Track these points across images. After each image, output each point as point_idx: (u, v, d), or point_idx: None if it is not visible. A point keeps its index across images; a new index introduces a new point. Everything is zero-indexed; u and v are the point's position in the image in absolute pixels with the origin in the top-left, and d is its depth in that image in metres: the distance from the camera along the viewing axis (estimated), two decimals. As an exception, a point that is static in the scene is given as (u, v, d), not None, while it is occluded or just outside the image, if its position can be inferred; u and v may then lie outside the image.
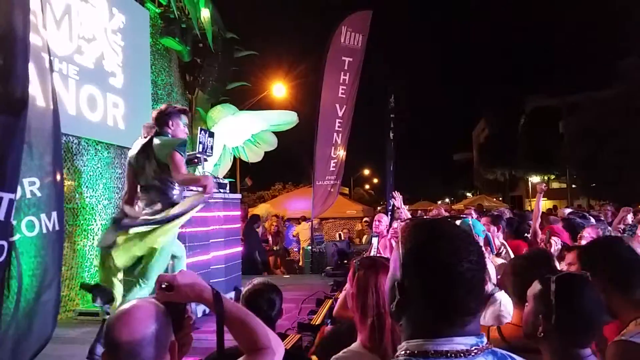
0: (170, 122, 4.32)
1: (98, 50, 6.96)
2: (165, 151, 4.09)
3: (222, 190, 6.45)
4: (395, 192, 6.18)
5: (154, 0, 8.46)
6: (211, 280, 5.83)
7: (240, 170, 18.31)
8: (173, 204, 4.18)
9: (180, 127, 4.39)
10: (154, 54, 8.39)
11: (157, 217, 4.04)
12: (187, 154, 6.33)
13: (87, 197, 6.65)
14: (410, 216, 5.91)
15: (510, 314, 2.49)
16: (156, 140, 4.25)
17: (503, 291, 2.81)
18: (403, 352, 1.03)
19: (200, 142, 6.01)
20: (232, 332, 1.41)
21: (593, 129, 20.89)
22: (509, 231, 5.42)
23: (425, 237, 1.05)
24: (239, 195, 7.31)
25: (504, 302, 2.68)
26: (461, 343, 0.99)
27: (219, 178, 6.71)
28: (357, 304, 1.93)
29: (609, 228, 5.19)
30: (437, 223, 1.11)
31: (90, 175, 6.72)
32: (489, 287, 2.85)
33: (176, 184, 4.26)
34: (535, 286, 1.79)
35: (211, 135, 6.38)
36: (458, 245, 1.02)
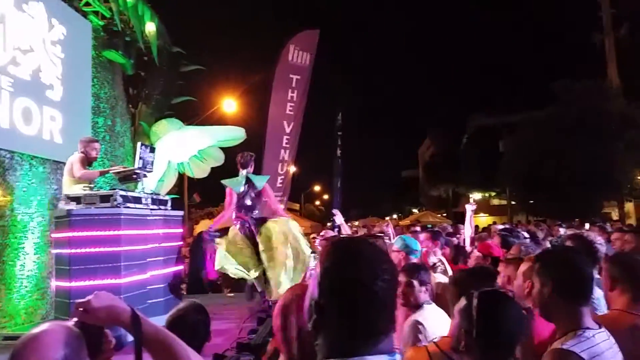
0: None
1: (35, 61, 6.72)
2: None
3: (162, 207, 6.31)
4: (335, 210, 6.26)
5: (97, 12, 8.27)
6: (149, 301, 5.68)
7: (188, 186, 17.99)
8: None
9: None
10: (96, 67, 8.17)
11: None
12: (126, 169, 6.23)
13: (19, 213, 6.34)
14: (349, 232, 5.98)
15: (428, 337, 2.58)
16: None
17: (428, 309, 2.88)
18: None
19: (140, 158, 5.87)
20: (152, 354, 1.38)
21: (530, 148, 21.87)
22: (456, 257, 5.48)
23: (341, 257, 1.07)
24: (180, 212, 7.16)
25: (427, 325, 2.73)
26: None
27: (159, 194, 6.56)
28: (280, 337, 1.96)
29: (540, 244, 5.44)
30: (354, 243, 1.13)
31: (23, 192, 6.42)
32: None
33: None
34: (461, 301, 1.84)
35: (152, 150, 6.25)
36: (372, 265, 1.04)
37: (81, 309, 1.31)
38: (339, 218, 6.04)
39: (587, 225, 10.13)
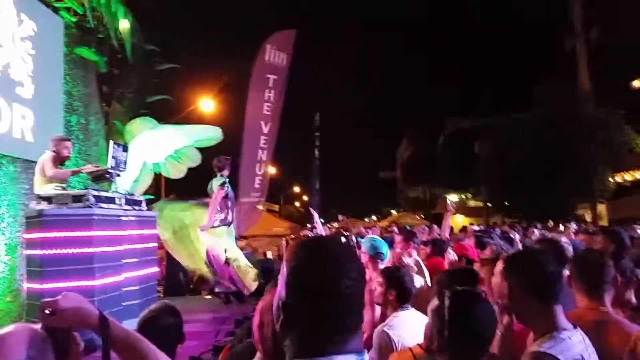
0: None
1: (4, 58, 6.53)
2: None
3: (137, 208, 6.19)
4: (312, 209, 6.25)
5: (69, 8, 8.08)
6: (124, 303, 5.56)
7: (165, 186, 17.74)
8: None
9: None
10: (69, 64, 7.99)
11: None
12: (98, 169, 6.11)
13: (-12, 214, 6.15)
14: (324, 233, 5.97)
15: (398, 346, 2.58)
16: None
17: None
18: None
19: (113, 157, 5.76)
20: (121, 358, 1.34)
21: (505, 150, 22.24)
22: (436, 251, 5.48)
23: (307, 256, 1.05)
24: (155, 213, 7.04)
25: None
26: None
27: (133, 195, 6.44)
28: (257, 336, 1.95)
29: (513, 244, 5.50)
30: (320, 242, 1.13)
31: (-7, 191, 6.24)
32: None
33: None
34: (434, 301, 1.84)
35: (125, 149, 6.14)
36: (339, 264, 1.02)
37: (48, 311, 1.27)
38: (315, 218, 6.02)
39: (561, 227, 10.31)
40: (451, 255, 4.29)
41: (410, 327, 2.68)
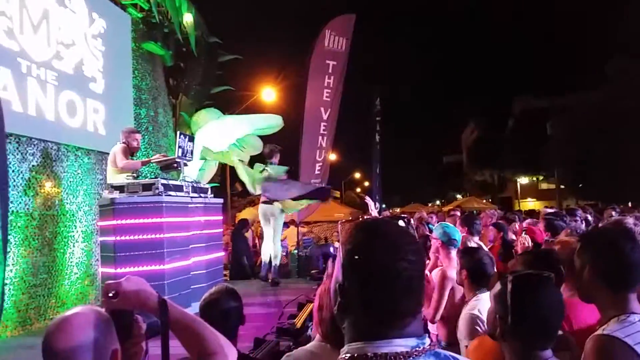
0: None
1: (77, 55, 6.91)
2: None
3: (203, 195, 6.40)
4: (367, 197, 6.16)
5: (136, 5, 8.42)
6: (192, 286, 5.80)
7: (230, 175, 18.27)
8: None
9: None
10: (137, 59, 8.35)
11: None
12: (167, 158, 6.36)
13: (67, 203, 6.58)
14: None
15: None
16: None
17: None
18: (343, 357, 1.01)
19: (179, 147, 5.97)
20: (180, 339, 1.38)
21: (580, 130, 21.06)
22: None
23: (363, 237, 1.03)
24: (220, 200, 7.27)
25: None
26: (401, 345, 0.97)
27: (199, 183, 6.67)
28: (316, 318, 1.97)
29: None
30: (376, 223, 1.09)
31: (70, 182, 6.65)
32: None
33: None
34: (496, 286, 1.76)
35: (191, 139, 6.36)
36: (395, 245, 1.00)
37: (111, 294, 1.32)
38: (370, 206, 5.95)
39: None
40: (525, 240, 4.10)
41: None
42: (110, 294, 1.32)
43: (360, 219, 1.21)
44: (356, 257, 1.01)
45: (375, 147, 10.37)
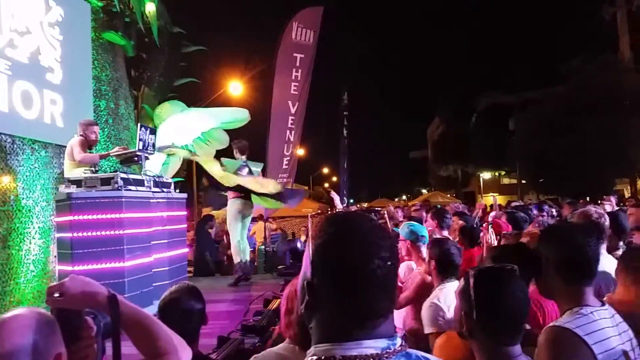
0: None
1: (33, 44, 6.62)
2: None
3: (165, 190, 6.24)
4: (332, 193, 6.14)
5: (96, -7, 8.13)
6: (154, 284, 5.65)
7: (196, 170, 17.98)
8: None
9: None
10: (97, 49, 8.06)
11: None
12: (127, 152, 6.17)
13: (23, 198, 6.31)
14: None
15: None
16: None
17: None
18: (309, 359, 0.95)
19: (140, 139, 5.79)
20: (131, 338, 1.31)
21: (541, 126, 21.62)
22: (465, 240, 5.27)
23: (334, 232, 0.97)
24: (184, 195, 7.10)
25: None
26: (371, 347, 0.91)
27: (162, 177, 6.50)
28: (284, 321, 1.91)
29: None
30: (349, 217, 1.03)
31: (26, 176, 6.38)
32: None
33: None
34: (460, 282, 1.74)
35: (152, 132, 6.18)
36: (368, 241, 0.94)
37: (56, 294, 1.24)
38: (336, 201, 5.93)
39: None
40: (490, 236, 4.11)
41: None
42: (56, 295, 1.25)
43: (331, 213, 1.14)
44: (326, 252, 0.95)
45: (343, 142, 10.37)
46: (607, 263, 2.61)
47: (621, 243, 3.42)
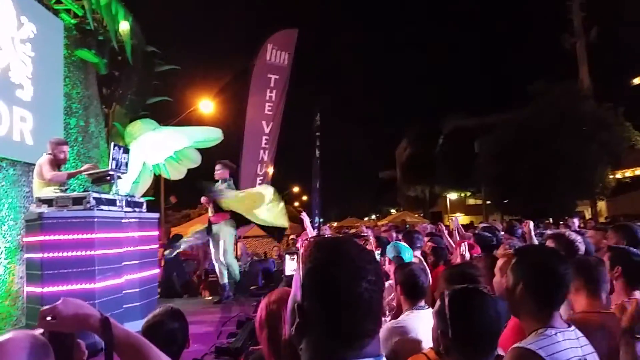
0: None
1: (3, 60, 6.51)
2: None
3: (137, 210, 6.18)
4: (303, 213, 6.20)
5: (69, 10, 8.06)
6: (124, 305, 5.55)
7: (165, 187, 17.71)
8: None
9: None
10: (69, 66, 7.97)
11: None
12: (99, 171, 6.10)
13: (-11, 217, 6.14)
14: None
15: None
16: None
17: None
18: None
19: (113, 159, 5.73)
20: None
21: (505, 148, 22.25)
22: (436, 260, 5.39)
23: (324, 257, 1.02)
24: (156, 215, 7.02)
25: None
26: None
27: (134, 196, 6.43)
28: (267, 337, 1.90)
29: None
30: (337, 242, 1.08)
31: (-7, 194, 6.21)
32: None
33: None
34: (437, 303, 1.82)
35: (126, 151, 6.12)
36: (356, 266, 1.00)
37: (48, 317, 1.26)
38: (306, 222, 6.00)
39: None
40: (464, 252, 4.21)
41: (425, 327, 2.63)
42: (48, 318, 1.26)
43: (321, 237, 1.19)
44: (316, 277, 1.00)
45: (315, 162, 10.47)
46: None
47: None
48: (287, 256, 4.78)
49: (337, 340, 0.98)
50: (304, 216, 5.99)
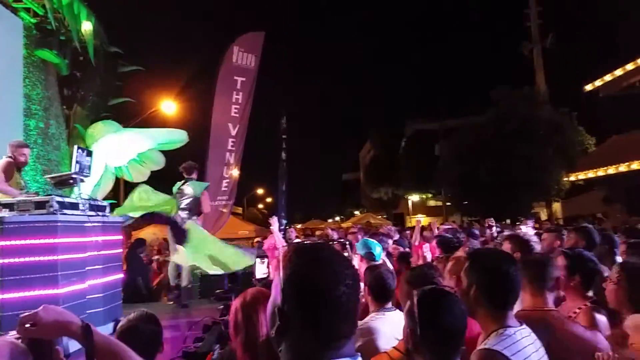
0: None
1: (-42, 59, 6.30)
2: None
3: (101, 213, 6.07)
4: (272, 218, 6.26)
5: (29, 9, 7.83)
6: (88, 311, 5.45)
7: (124, 190, 17.32)
8: None
9: None
10: (28, 66, 7.75)
11: None
12: (62, 174, 5.96)
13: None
14: (283, 243, 5.99)
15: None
16: None
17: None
18: None
19: (77, 162, 5.62)
20: None
21: (464, 151, 22.82)
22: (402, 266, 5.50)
23: (304, 263, 1.08)
24: (120, 219, 6.91)
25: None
26: None
27: (97, 200, 6.31)
28: (243, 340, 1.95)
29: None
30: (316, 248, 1.14)
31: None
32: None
33: None
34: (407, 302, 1.91)
35: (89, 154, 6.00)
36: (335, 271, 1.06)
37: (28, 324, 1.27)
38: (275, 226, 6.04)
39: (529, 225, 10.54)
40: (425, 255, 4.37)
41: (392, 328, 2.69)
42: (28, 325, 1.27)
43: (300, 244, 1.22)
44: (296, 282, 1.06)
45: (282, 165, 10.49)
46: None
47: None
48: (257, 260, 4.81)
49: (316, 342, 1.03)
50: (273, 221, 6.04)
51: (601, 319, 2.59)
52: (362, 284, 3.65)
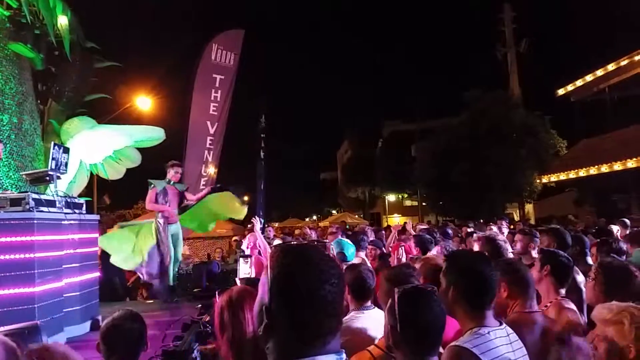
0: None
1: None
2: None
3: (77, 211, 5.99)
4: (255, 217, 6.31)
5: (2, 1, 7.63)
6: (64, 310, 5.39)
7: (97, 187, 17.08)
8: None
9: None
10: (1, 60, 7.53)
11: None
12: (37, 171, 5.86)
13: None
14: (264, 244, 6.04)
15: None
16: None
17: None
18: None
19: (53, 158, 5.54)
20: None
21: (440, 153, 23.14)
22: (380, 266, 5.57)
23: (292, 263, 1.12)
24: (96, 216, 6.84)
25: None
26: None
27: (74, 197, 6.23)
28: (230, 338, 1.98)
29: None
30: (304, 249, 1.18)
31: None
32: None
33: None
34: (389, 300, 1.97)
35: (66, 151, 5.93)
36: (321, 270, 1.10)
37: None
38: (257, 225, 6.07)
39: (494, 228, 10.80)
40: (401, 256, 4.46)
41: (372, 326, 2.75)
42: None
43: (287, 244, 1.27)
44: (283, 282, 1.10)
45: (260, 164, 10.49)
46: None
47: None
48: (240, 260, 4.83)
49: (303, 340, 1.08)
50: (256, 221, 6.07)
51: (570, 306, 2.71)
52: None
